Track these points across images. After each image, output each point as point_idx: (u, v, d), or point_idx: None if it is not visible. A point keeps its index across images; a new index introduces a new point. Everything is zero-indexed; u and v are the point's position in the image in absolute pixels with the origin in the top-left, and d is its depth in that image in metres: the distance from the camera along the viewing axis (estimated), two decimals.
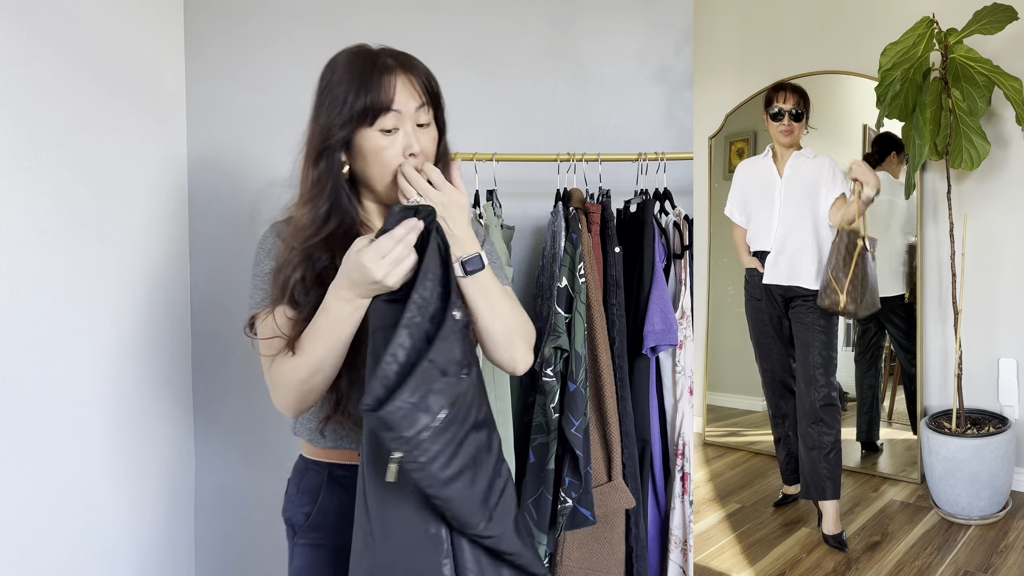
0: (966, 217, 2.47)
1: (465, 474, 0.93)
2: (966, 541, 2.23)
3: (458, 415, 0.93)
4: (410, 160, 1.16)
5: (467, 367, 0.97)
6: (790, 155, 2.33)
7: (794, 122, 2.31)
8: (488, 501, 0.97)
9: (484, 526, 0.95)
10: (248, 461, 2.23)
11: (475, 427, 0.98)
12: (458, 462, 0.93)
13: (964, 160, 2.28)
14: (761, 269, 2.32)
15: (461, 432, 0.94)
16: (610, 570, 1.75)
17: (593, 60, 2.13)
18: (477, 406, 1.00)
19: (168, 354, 2.09)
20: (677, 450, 1.86)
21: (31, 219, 1.57)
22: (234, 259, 2.19)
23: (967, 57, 2.23)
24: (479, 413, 1.00)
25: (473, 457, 0.96)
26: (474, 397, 0.99)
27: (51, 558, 1.61)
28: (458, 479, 0.92)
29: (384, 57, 1.17)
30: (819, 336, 2.25)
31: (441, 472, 0.91)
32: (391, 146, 1.15)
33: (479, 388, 1.02)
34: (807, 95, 2.34)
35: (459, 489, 0.93)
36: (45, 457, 1.60)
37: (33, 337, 1.57)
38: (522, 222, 2.11)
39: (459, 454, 0.93)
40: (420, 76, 1.17)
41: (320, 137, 1.20)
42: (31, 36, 1.57)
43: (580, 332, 1.67)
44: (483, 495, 0.96)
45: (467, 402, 0.96)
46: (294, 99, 2.18)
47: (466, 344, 0.99)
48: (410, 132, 1.16)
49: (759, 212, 2.39)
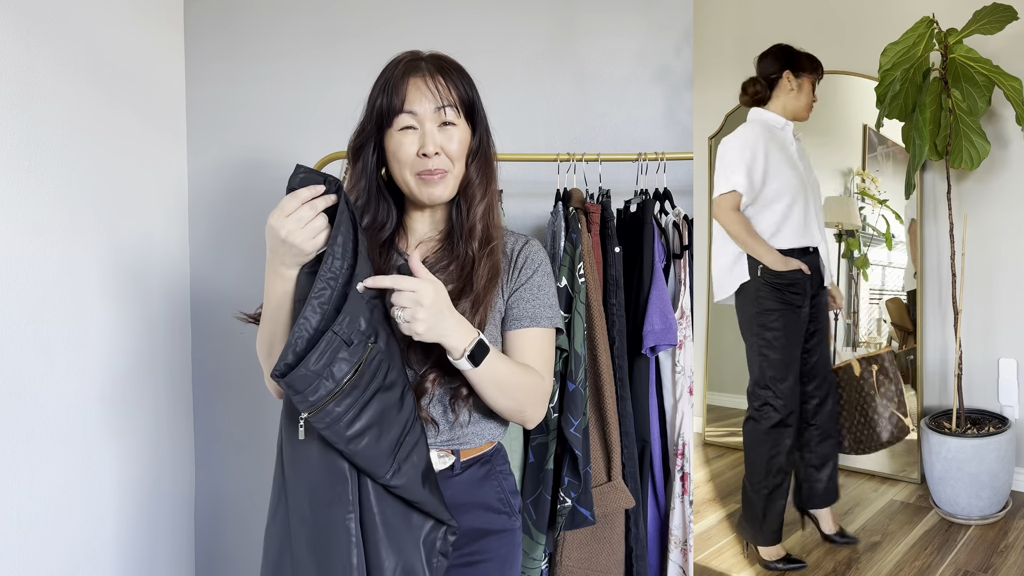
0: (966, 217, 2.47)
1: (371, 430, 1.04)
2: (966, 541, 2.23)
3: (361, 380, 1.03)
4: (423, 160, 1.18)
5: (373, 335, 1.05)
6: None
7: None
8: (396, 455, 1.07)
9: (390, 476, 1.06)
10: (248, 461, 2.23)
11: (382, 389, 1.07)
12: (362, 422, 1.03)
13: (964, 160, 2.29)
14: (807, 269, 2.05)
15: (367, 395, 1.04)
16: (610, 570, 1.75)
17: (593, 60, 2.14)
18: (384, 370, 1.08)
19: (168, 354, 2.09)
20: (677, 450, 1.86)
21: (31, 219, 1.57)
22: (234, 259, 2.19)
23: (967, 57, 2.23)
24: (388, 376, 1.08)
25: (379, 415, 1.06)
26: (381, 362, 1.07)
27: (50, 558, 1.62)
28: (363, 436, 1.03)
29: (411, 60, 1.21)
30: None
31: (346, 430, 1.02)
32: (407, 144, 1.18)
33: (388, 352, 1.09)
34: None
35: (365, 445, 1.04)
36: (45, 457, 1.60)
37: (33, 337, 1.57)
38: (522, 222, 2.11)
39: (363, 415, 1.03)
40: (447, 78, 1.19)
41: (356, 136, 1.25)
42: (31, 36, 1.57)
43: (580, 332, 1.67)
44: (390, 449, 1.06)
45: (372, 368, 1.05)
46: (294, 99, 2.19)
47: (373, 313, 1.07)
48: (427, 132, 1.18)
49: (787, 195, 2.06)
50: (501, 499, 1.29)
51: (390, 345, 1.10)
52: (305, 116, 2.16)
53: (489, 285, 1.20)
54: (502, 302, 1.26)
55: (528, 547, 1.70)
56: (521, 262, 1.28)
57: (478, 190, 1.23)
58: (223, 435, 2.23)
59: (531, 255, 1.29)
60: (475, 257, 1.21)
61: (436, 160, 1.18)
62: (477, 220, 1.22)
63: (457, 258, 1.22)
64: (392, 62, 1.22)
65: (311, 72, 2.17)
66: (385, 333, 1.09)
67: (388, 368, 1.09)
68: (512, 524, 1.30)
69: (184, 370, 2.19)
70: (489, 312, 1.21)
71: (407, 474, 1.08)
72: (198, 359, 2.22)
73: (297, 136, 2.16)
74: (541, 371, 1.25)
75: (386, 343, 1.09)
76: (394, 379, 1.10)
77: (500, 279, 1.25)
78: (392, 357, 1.10)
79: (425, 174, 1.19)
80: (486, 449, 1.29)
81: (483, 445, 1.27)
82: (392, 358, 1.10)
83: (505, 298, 1.27)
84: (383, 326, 1.09)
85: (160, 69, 2.08)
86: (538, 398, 1.24)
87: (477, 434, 1.25)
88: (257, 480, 2.23)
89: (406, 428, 1.10)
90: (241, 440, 2.23)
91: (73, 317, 1.69)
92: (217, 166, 2.20)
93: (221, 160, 2.20)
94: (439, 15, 2.15)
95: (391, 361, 1.10)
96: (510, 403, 1.20)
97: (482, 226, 1.23)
